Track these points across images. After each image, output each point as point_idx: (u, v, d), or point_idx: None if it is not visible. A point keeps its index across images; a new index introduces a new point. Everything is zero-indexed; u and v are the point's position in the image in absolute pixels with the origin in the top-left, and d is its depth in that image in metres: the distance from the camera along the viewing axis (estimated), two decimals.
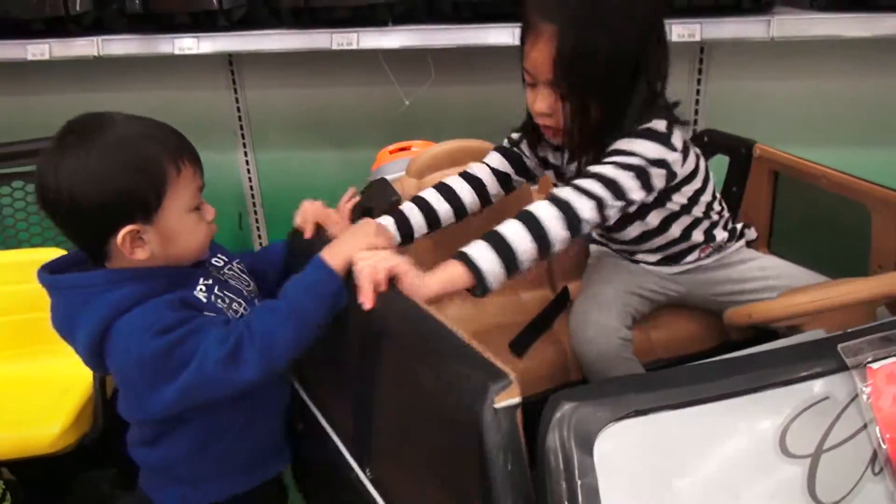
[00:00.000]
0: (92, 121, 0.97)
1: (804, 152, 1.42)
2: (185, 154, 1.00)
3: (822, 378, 0.75)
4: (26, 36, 1.88)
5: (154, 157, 0.96)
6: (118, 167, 0.94)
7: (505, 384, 0.70)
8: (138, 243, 0.98)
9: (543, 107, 1.11)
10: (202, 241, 1.05)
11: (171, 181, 0.97)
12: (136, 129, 0.98)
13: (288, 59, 2.05)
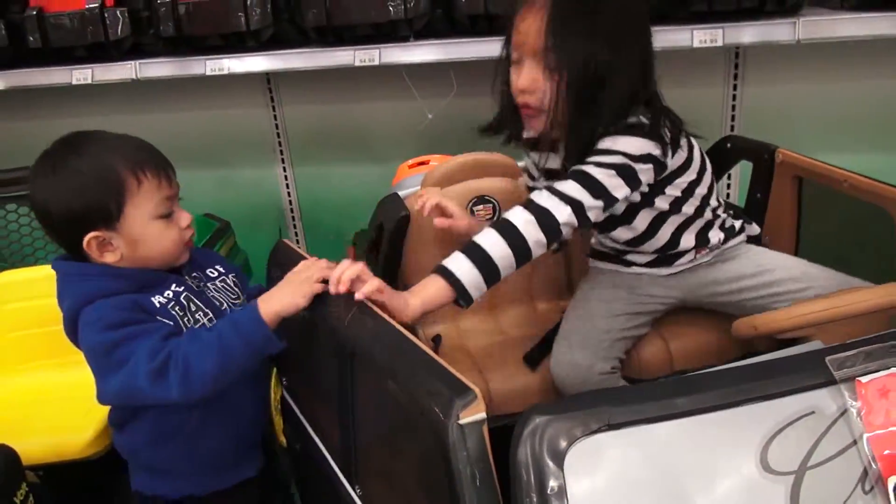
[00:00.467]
0: (68, 139, 1.10)
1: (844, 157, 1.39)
2: (147, 165, 1.07)
3: (807, 392, 0.73)
4: (71, 62, 1.99)
5: (112, 168, 1.05)
6: (79, 180, 1.04)
7: (469, 400, 0.70)
8: (107, 247, 1.07)
9: (527, 82, 1.11)
10: (170, 246, 1.11)
11: (129, 191, 1.05)
12: (101, 144, 1.08)
13: (322, 76, 2.10)
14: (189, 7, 1.82)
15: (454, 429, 0.70)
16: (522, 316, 1.56)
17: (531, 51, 1.10)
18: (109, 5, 1.90)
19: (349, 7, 1.74)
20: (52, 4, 1.93)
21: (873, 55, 1.83)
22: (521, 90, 1.13)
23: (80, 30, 1.91)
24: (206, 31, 1.86)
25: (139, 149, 1.10)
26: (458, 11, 1.72)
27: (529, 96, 1.13)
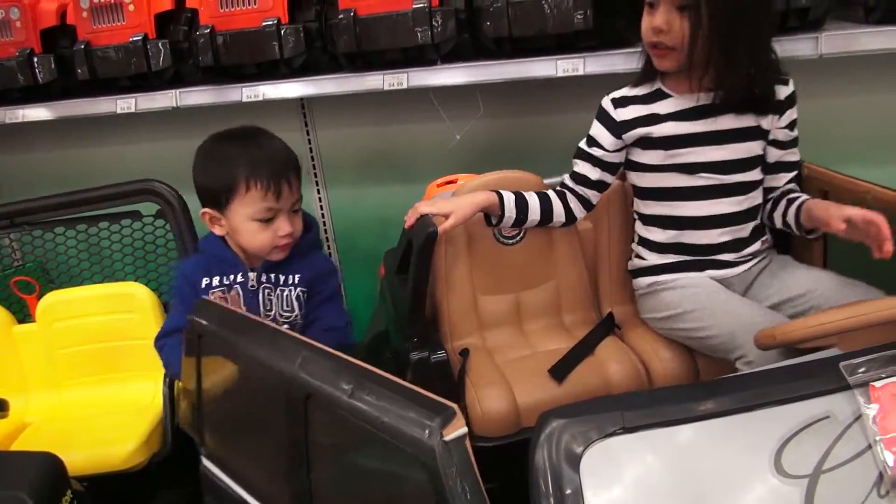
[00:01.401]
0: (236, 129, 1.43)
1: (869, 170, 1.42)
2: (261, 177, 1.30)
3: (822, 397, 0.74)
4: (115, 92, 2.08)
5: (233, 168, 1.31)
6: (211, 165, 1.36)
7: (450, 416, 0.72)
8: (217, 222, 1.38)
9: (661, 21, 1.27)
10: (260, 245, 1.35)
11: (238, 192, 1.31)
12: (243, 144, 1.36)
13: (354, 100, 2.16)
14: (226, 37, 1.90)
15: (440, 447, 0.71)
16: (550, 330, 1.58)
17: None
18: (152, 38, 1.99)
19: (378, 34, 1.79)
20: (99, 38, 2.02)
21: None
22: (655, 29, 1.29)
23: (124, 61, 2.00)
24: (243, 60, 1.93)
25: (267, 161, 1.33)
26: (484, 35, 1.77)
27: (664, 36, 1.29)
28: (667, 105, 1.41)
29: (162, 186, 1.73)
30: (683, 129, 1.39)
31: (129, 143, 2.50)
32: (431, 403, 0.76)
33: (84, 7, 2.01)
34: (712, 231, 1.40)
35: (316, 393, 0.89)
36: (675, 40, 1.28)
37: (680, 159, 1.40)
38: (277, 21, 1.86)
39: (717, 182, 1.39)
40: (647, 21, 1.30)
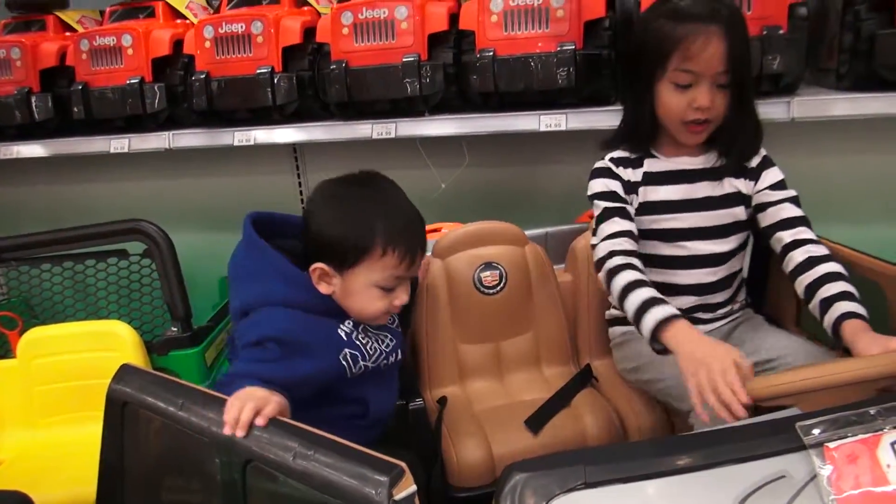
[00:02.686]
0: (365, 179, 1.29)
1: (839, 231, 1.44)
2: (400, 245, 1.19)
3: (778, 456, 0.76)
4: (110, 132, 2.12)
5: (371, 230, 1.18)
6: (341, 220, 1.20)
7: (398, 475, 0.74)
8: (325, 280, 1.21)
9: (709, 101, 1.27)
10: (374, 314, 1.23)
11: (371, 256, 1.18)
12: (380, 201, 1.23)
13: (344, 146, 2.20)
14: (221, 83, 1.95)
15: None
16: (529, 380, 1.59)
17: (712, 74, 1.25)
18: (148, 81, 2.04)
19: (369, 84, 1.85)
20: (97, 79, 2.07)
21: (866, 132, 1.89)
22: (701, 108, 1.27)
23: (120, 102, 2.04)
24: (236, 105, 1.98)
25: (406, 227, 1.22)
26: (471, 89, 1.82)
27: (707, 113, 1.28)
28: (653, 165, 1.40)
29: (150, 226, 1.75)
30: (670, 194, 1.38)
31: (121, 182, 2.54)
32: (380, 463, 0.77)
33: (84, 49, 2.07)
34: (686, 297, 1.41)
35: (256, 458, 0.88)
36: (714, 114, 1.30)
37: (659, 225, 1.39)
38: (271, 69, 1.92)
39: (693, 253, 1.38)
40: (684, 99, 1.28)
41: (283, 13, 1.97)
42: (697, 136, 1.33)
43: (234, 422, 0.92)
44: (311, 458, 0.82)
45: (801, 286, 1.27)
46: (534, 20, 1.74)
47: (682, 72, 1.26)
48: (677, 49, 1.25)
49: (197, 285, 2.27)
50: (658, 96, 1.31)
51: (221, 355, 1.84)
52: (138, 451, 1.09)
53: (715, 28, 1.23)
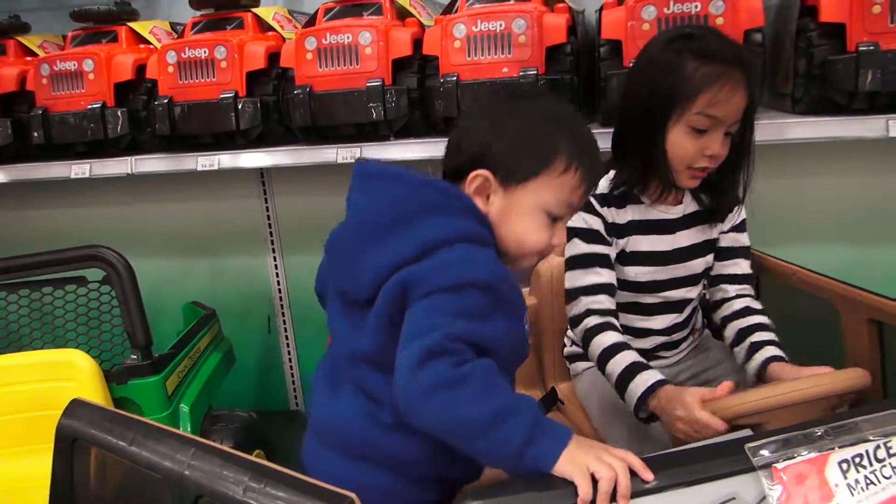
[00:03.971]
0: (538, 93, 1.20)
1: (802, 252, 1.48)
2: (585, 164, 0.98)
3: (729, 478, 0.76)
4: (70, 157, 2.10)
5: (555, 141, 0.96)
6: (520, 126, 0.98)
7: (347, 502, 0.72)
8: (483, 193, 0.97)
9: (723, 150, 1.22)
10: (534, 247, 0.99)
11: (551, 170, 0.96)
12: (568, 117, 1.02)
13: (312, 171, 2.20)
14: (184, 108, 1.94)
15: None
16: None
17: (731, 122, 1.21)
18: (110, 106, 2.02)
19: (333, 109, 1.85)
20: (57, 104, 2.05)
21: (821, 155, 1.94)
22: (717, 156, 1.23)
23: (81, 127, 2.02)
24: (199, 130, 1.97)
25: (592, 147, 1.01)
26: (435, 113, 1.83)
27: (716, 161, 1.24)
28: (638, 212, 1.34)
29: (109, 252, 1.72)
30: (654, 245, 1.34)
31: (82, 208, 2.50)
32: (328, 494, 0.75)
33: (44, 74, 2.05)
34: (653, 338, 1.41)
35: (206, 493, 0.85)
36: (720, 162, 1.25)
37: (639, 278, 1.35)
38: (235, 94, 1.91)
39: (667, 300, 1.37)
40: (695, 144, 1.21)
41: (247, 38, 1.97)
42: (696, 181, 1.28)
43: None
44: (261, 491, 0.80)
45: (732, 329, 1.32)
46: (496, 45, 1.76)
47: (703, 116, 1.18)
48: (704, 92, 1.17)
49: (161, 312, 2.24)
50: (669, 138, 1.22)
51: (183, 383, 1.81)
52: (89, 487, 1.05)
53: (740, 75, 1.18)
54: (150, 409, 1.65)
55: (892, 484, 0.78)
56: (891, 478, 0.77)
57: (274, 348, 2.64)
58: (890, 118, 1.58)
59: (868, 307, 1.21)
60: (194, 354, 1.89)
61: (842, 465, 0.76)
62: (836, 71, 1.58)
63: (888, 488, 0.77)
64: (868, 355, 1.22)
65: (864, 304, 1.22)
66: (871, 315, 1.21)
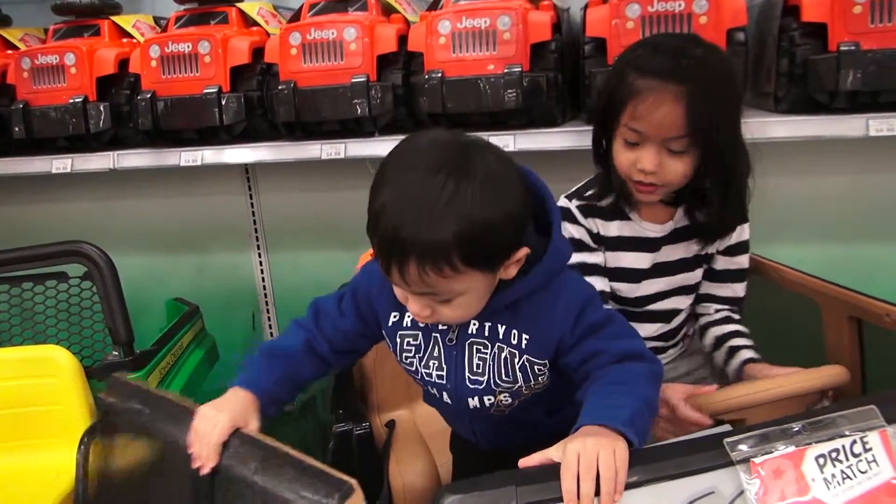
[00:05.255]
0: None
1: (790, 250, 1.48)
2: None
3: (707, 472, 0.77)
4: (52, 152, 2.07)
5: None
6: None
7: (347, 492, 0.74)
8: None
9: (652, 165, 1.15)
10: None
11: None
12: None
13: (298, 167, 2.19)
14: (167, 103, 1.93)
15: None
16: None
17: (660, 138, 1.14)
18: (93, 100, 2.00)
19: (317, 105, 1.84)
20: (38, 98, 2.03)
21: (804, 154, 1.95)
22: (646, 171, 1.17)
23: (62, 122, 2.00)
24: (183, 125, 1.96)
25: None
26: (420, 110, 1.83)
27: (652, 177, 1.18)
28: (624, 228, 1.32)
29: (90, 248, 1.70)
30: (639, 262, 1.32)
31: (64, 203, 2.48)
32: (331, 480, 0.76)
33: (25, 68, 2.02)
34: None
35: (223, 470, 0.88)
36: (665, 179, 1.18)
37: (622, 293, 1.35)
38: (219, 89, 1.90)
39: (654, 310, 1.36)
40: (629, 157, 1.18)
41: (231, 33, 1.96)
42: (648, 195, 1.23)
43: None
44: (270, 472, 0.82)
45: (709, 336, 1.34)
46: (481, 42, 1.76)
47: (629, 129, 1.16)
48: (627, 105, 1.14)
49: (144, 309, 2.23)
50: (613, 148, 1.22)
51: (166, 380, 1.79)
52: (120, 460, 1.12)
53: (672, 88, 1.10)
54: None
55: (868, 479, 0.78)
56: (866, 472, 0.78)
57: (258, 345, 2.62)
58: (870, 118, 1.59)
59: (848, 305, 1.22)
60: (177, 351, 1.87)
61: (818, 459, 0.77)
62: (817, 70, 1.59)
63: (864, 483, 0.78)
64: (848, 352, 1.23)
65: (844, 302, 1.23)
66: (852, 312, 1.22)
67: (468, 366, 0.97)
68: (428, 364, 0.99)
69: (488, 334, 0.96)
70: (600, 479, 0.73)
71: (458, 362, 0.98)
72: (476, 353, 0.97)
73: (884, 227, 2.01)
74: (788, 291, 1.35)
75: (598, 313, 0.94)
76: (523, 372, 0.96)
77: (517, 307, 0.94)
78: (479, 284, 0.88)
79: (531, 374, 0.96)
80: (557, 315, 0.93)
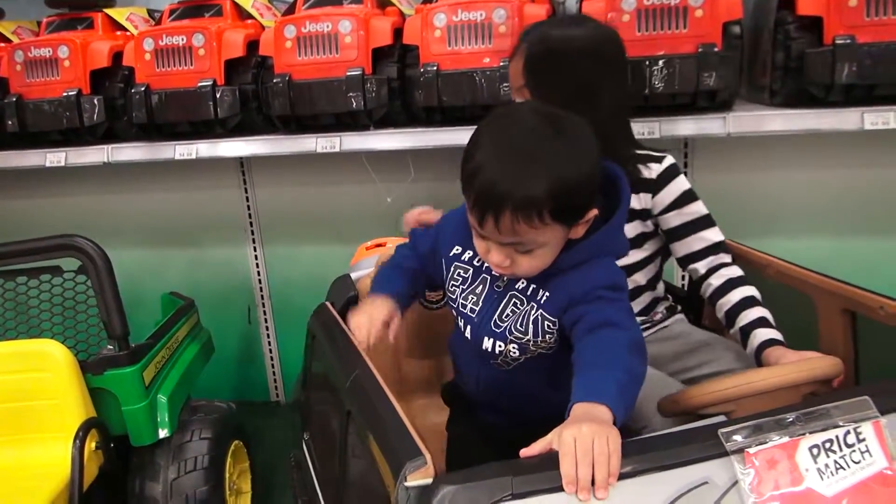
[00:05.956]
0: None
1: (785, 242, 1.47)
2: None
3: (701, 463, 0.77)
4: (46, 145, 2.07)
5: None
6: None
7: (418, 464, 0.75)
8: None
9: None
10: None
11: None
12: None
13: (293, 161, 2.19)
14: (161, 96, 1.92)
15: (401, 490, 0.74)
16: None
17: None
18: (86, 94, 2.00)
19: (312, 98, 1.84)
20: (32, 92, 2.02)
21: (800, 147, 1.96)
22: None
23: (56, 115, 1.99)
24: (177, 118, 1.95)
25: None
26: (415, 103, 1.83)
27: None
28: None
29: (84, 242, 1.69)
30: None
31: (58, 197, 2.47)
32: (410, 447, 0.80)
33: (18, 61, 2.01)
34: None
35: (353, 411, 0.99)
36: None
37: None
38: (213, 82, 1.90)
39: None
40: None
41: (225, 26, 1.95)
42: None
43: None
44: (371, 420, 0.91)
45: (720, 311, 1.32)
46: (477, 35, 1.76)
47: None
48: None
49: (139, 303, 2.22)
50: None
51: (161, 374, 1.79)
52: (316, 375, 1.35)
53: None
54: (127, 399, 1.64)
55: (861, 469, 0.79)
56: (860, 462, 0.78)
57: (254, 339, 2.62)
58: (865, 111, 1.60)
59: (843, 298, 1.22)
60: (172, 345, 1.87)
61: (812, 450, 0.77)
62: (812, 64, 1.60)
63: (857, 473, 0.78)
64: (842, 344, 1.23)
65: (839, 295, 1.23)
66: (846, 305, 1.22)
67: (500, 311, 1.06)
68: (467, 297, 1.10)
69: (529, 293, 1.04)
70: (595, 464, 0.74)
71: (494, 305, 1.07)
72: (511, 303, 1.06)
73: (878, 221, 2.01)
74: (782, 285, 1.35)
75: (610, 293, 0.99)
76: (535, 325, 1.03)
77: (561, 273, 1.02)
78: (557, 238, 0.98)
79: (541, 330, 1.03)
80: (579, 281, 1.00)
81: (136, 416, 1.65)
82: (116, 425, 1.64)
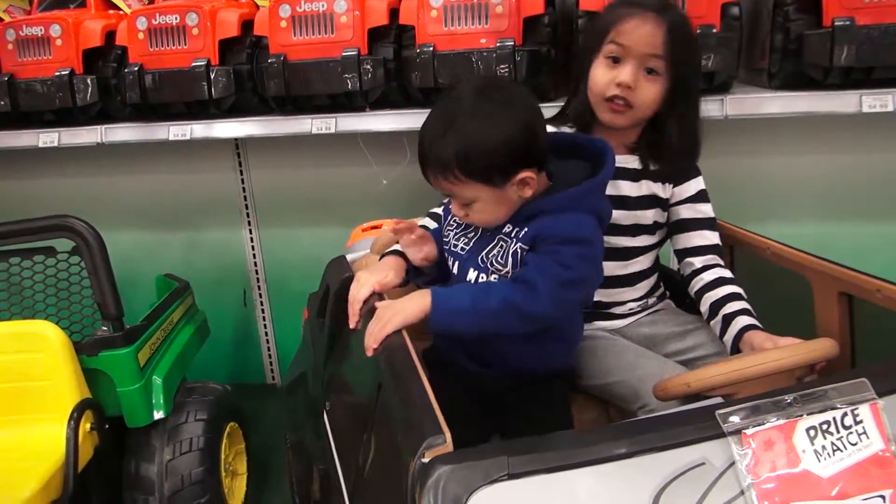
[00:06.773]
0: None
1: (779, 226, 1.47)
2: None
3: (698, 444, 0.77)
4: (38, 125, 2.04)
5: None
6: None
7: (438, 443, 0.74)
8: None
9: (629, 77, 1.26)
10: None
11: None
12: None
13: (288, 142, 2.17)
14: (155, 76, 1.90)
15: (418, 466, 0.74)
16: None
17: (640, 54, 1.26)
18: (79, 73, 1.97)
19: (308, 79, 1.82)
20: (24, 71, 1.99)
21: (798, 130, 1.95)
22: (623, 85, 1.27)
23: (49, 95, 1.97)
24: (171, 99, 1.93)
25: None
26: (411, 84, 1.81)
27: (628, 92, 1.28)
28: None
29: (78, 223, 1.68)
30: None
31: (51, 178, 2.45)
32: (431, 425, 0.79)
33: (10, 40, 1.99)
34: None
35: (384, 384, 1.00)
36: (638, 100, 1.28)
37: None
38: (207, 62, 1.88)
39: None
40: (608, 74, 1.29)
41: (220, 5, 1.93)
42: (616, 116, 1.31)
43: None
44: (398, 393, 0.91)
45: (705, 304, 1.34)
46: (473, 16, 1.74)
47: (613, 44, 1.28)
48: (613, 26, 1.28)
49: (134, 284, 2.21)
50: (591, 72, 1.32)
51: (156, 356, 1.79)
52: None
53: (654, 15, 1.25)
54: (122, 380, 1.63)
55: (858, 450, 0.79)
56: (857, 444, 0.78)
57: (250, 321, 2.62)
58: (863, 94, 1.59)
59: (839, 280, 1.22)
60: (167, 327, 1.86)
61: (809, 431, 0.77)
62: (811, 46, 1.59)
63: (854, 454, 0.78)
64: (838, 327, 1.23)
65: (835, 278, 1.23)
66: (842, 288, 1.22)
67: (487, 250, 1.17)
68: (459, 238, 1.22)
69: (513, 234, 1.15)
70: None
71: (482, 245, 1.18)
72: (498, 245, 1.16)
73: (876, 204, 2.01)
74: (779, 267, 1.35)
75: (561, 246, 1.09)
76: (513, 258, 1.14)
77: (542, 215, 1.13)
78: (485, 195, 1.10)
79: (519, 262, 1.13)
80: (549, 225, 1.11)
81: (131, 397, 1.64)
82: (111, 406, 1.64)
